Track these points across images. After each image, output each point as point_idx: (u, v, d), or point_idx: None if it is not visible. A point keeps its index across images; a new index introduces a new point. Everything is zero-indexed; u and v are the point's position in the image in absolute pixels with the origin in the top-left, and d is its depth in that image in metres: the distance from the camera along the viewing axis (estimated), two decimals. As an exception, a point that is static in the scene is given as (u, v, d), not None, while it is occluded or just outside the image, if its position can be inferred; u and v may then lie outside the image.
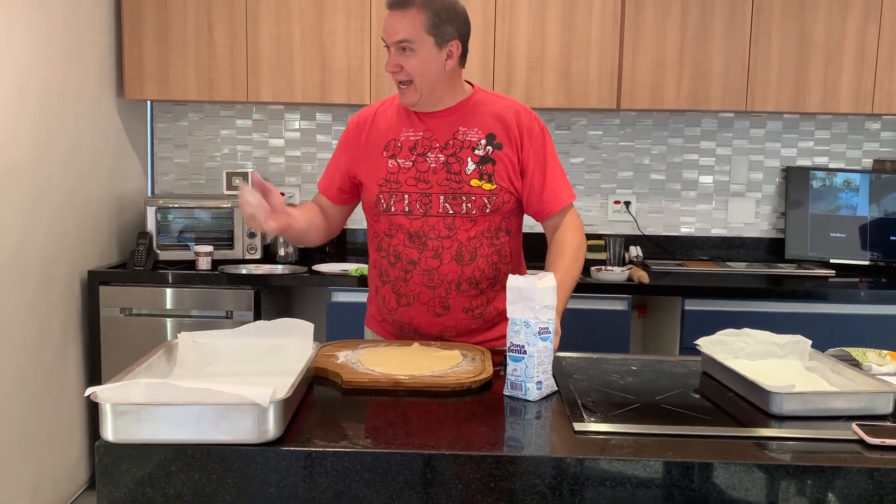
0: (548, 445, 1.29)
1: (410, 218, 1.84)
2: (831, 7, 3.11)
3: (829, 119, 3.51)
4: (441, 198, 1.83)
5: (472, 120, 1.86)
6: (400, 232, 1.86)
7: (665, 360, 1.85)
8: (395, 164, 1.85)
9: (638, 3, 3.12)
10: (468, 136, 1.85)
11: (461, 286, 1.84)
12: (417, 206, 1.83)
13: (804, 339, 1.65)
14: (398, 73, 1.79)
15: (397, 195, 1.84)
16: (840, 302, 2.89)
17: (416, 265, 1.85)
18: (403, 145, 1.86)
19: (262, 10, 3.14)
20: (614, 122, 3.52)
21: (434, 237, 1.83)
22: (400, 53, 1.78)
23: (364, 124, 1.92)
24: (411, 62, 1.77)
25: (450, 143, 1.84)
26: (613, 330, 2.91)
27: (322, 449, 1.17)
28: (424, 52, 1.77)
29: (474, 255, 1.84)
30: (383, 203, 1.86)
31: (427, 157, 1.84)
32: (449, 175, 1.83)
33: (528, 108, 1.91)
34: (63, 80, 2.80)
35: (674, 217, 3.58)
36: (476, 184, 1.82)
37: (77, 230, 2.91)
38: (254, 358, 1.51)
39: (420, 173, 1.84)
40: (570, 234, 1.87)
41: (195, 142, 3.58)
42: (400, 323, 1.91)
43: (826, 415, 1.35)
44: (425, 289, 1.85)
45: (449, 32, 1.78)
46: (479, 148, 1.84)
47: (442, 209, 1.83)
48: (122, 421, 1.16)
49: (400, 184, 1.84)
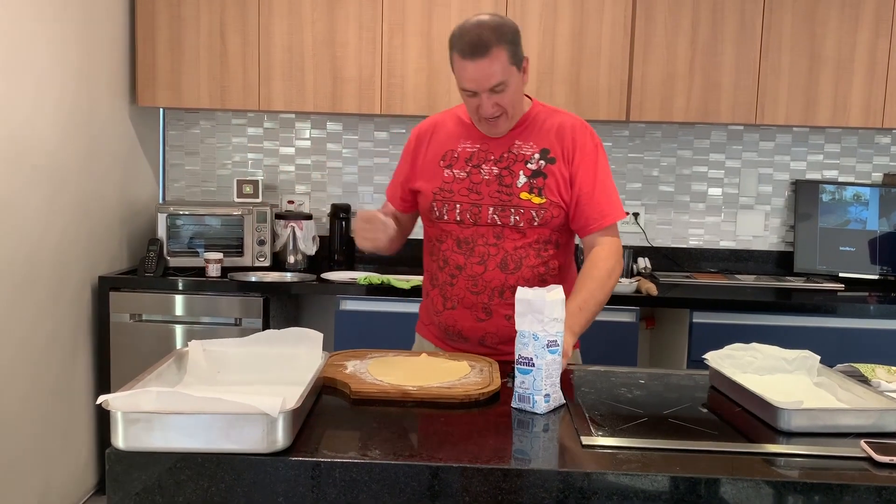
0: (556, 459, 1.29)
1: (461, 227, 1.88)
2: (842, 21, 3.11)
3: (839, 133, 3.51)
4: (490, 209, 1.85)
5: (528, 134, 1.88)
6: (449, 238, 1.90)
7: (673, 373, 1.85)
8: (451, 174, 1.89)
9: (648, 16, 3.13)
10: (523, 149, 1.87)
11: (504, 294, 1.86)
12: (468, 216, 1.87)
13: (813, 354, 1.64)
14: (496, 111, 1.80)
15: (450, 204, 1.88)
16: (849, 316, 2.88)
17: (462, 270, 1.88)
18: (460, 156, 1.89)
19: (275, 20, 3.16)
20: (623, 133, 3.53)
21: (482, 244, 1.86)
22: (492, 94, 1.77)
23: (424, 137, 1.96)
24: (506, 98, 1.79)
25: (504, 156, 1.87)
26: (621, 341, 2.90)
27: (330, 459, 1.18)
28: (514, 82, 1.79)
29: (519, 264, 1.86)
30: (436, 211, 1.90)
31: (481, 168, 1.87)
32: (500, 187, 1.85)
33: (584, 122, 1.93)
34: (78, 87, 2.82)
35: (682, 229, 3.58)
36: (525, 197, 1.84)
37: (89, 236, 2.94)
38: (263, 367, 1.52)
39: (473, 184, 1.87)
40: (605, 255, 1.85)
41: (206, 149, 3.60)
42: (444, 325, 1.93)
43: (834, 431, 1.34)
44: (469, 294, 1.87)
45: (521, 53, 1.80)
46: (532, 162, 1.86)
47: (490, 220, 1.85)
48: (133, 429, 1.17)
49: (453, 193, 1.88)
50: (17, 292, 2.50)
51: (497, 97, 1.77)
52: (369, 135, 3.57)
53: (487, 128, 1.86)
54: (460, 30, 1.77)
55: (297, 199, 3.57)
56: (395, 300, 2.88)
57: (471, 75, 1.75)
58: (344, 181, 3.60)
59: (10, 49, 2.41)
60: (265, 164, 3.60)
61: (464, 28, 1.77)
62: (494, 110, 1.79)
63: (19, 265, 2.51)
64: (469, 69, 1.74)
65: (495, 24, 1.75)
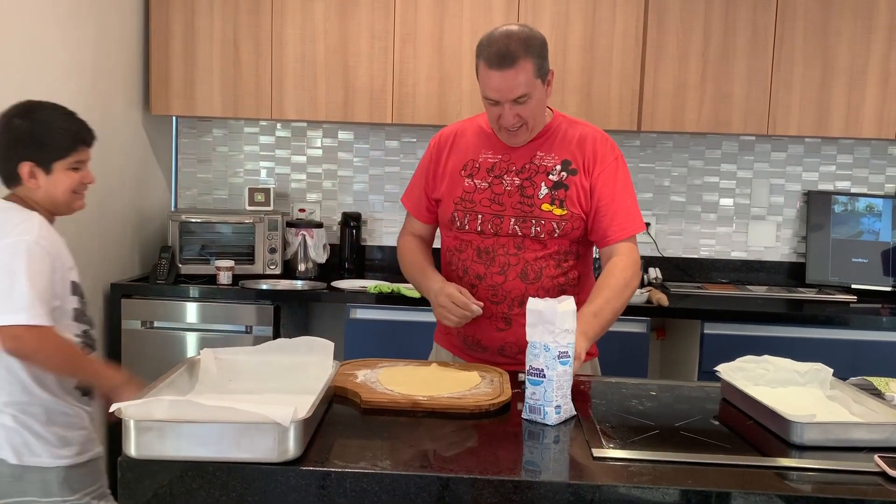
0: (566, 471, 1.29)
1: (482, 236, 1.88)
2: (855, 32, 3.10)
3: (852, 144, 3.50)
4: (512, 220, 1.86)
5: (549, 146, 1.88)
6: (469, 248, 1.90)
7: (684, 385, 1.85)
8: (472, 183, 1.89)
9: (660, 26, 3.13)
10: (545, 161, 1.87)
11: (524, 304, 1.84)
12: (489, 227, 1.87)
13: (825, 367, 1.64)
14: (517, 122, 1.80)
15: (471, 214, 1.88)
16: (862, 328, 2.86)
17: (482, 280, 1.88)
18: (482, 166, 1.90)
19: (288, 29, 3.18)
20: (635, 143, 3.53)
21: (502, 254, 1.87)
22: (515, 105, 1.77)
23: (444, 145, 1.96)
24: (528, 109, 1.79)
25: (526, 167, 1.87)
26: (632, 352, 2.89)
27: (341, 469, 1.18)
28: (538, 95, 1.79)
29: (539, 274, 1.86)
30: (458, 221, 1.90)
31: (503, 179, 1.87)
32: (522, 198, 1.86)
33: (606, 134, 1.93)
34: (93, 95, 2.85)
35: (694, 239, 3.57)
36: (547, 208, 1.84)
37: (103, 243, 2.95)
38: (274, 376, 1.52)
39: (495, 195, 1.87)
40: (623, 265, 1.84)
41: (218, 157, 3.62)
42: (464, 335, 1.93)
43: (848, 445, 1.34)
44: (489, 303, 1.87)
45: (547, 66, 1.80)
46: (554, 173, 1.86)
47: (511, 230, 1.86)
48: (146, 437, 1.18)
49: (475, 203, 1.88)
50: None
51: (519, 108, 1.77)
52: (380, 144, 3.59)
53: (507, 137, 1.86)
54: (488, 38, 1.77)
55: (308, 208, 3.58)
56: (405, 309, 2.88)
57: (495, 85, 1.75)
58: (355, 190, 3.61)
59: (25, 57, 2.43)
60: (277, 173, 3.61)
61: (492, 37, 1.77)
62: (516, 121, 1.79)
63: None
64: (494, 79, 1.75)
65: (524, 35, 1.75)
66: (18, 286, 1.61)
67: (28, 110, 1.74)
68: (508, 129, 1.82)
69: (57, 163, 1.73)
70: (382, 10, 3.15)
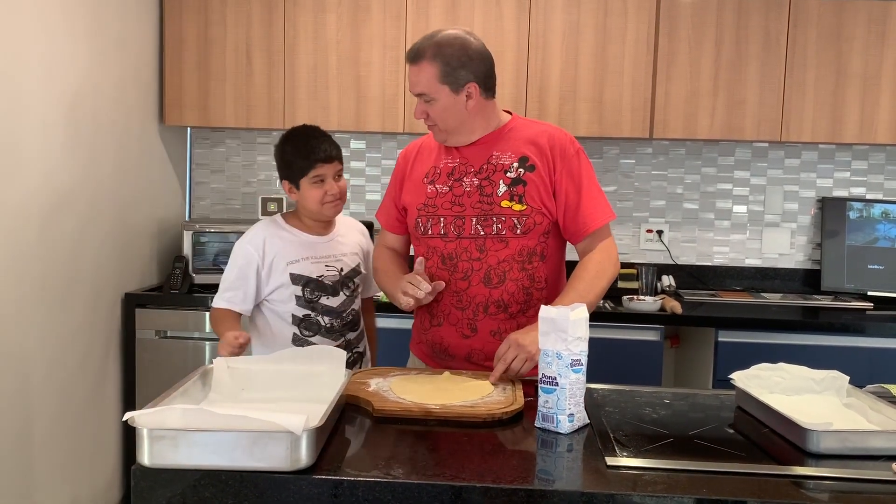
0: (580, 480, 1.28)
1: (445, 241, 1.89)
2: (868, 38, 3.08)
3: (867, 150, 3.47)
4: (473, 220, 1.87)
5: (505, 145, 1.90)
6: (434, 255, 1.91)
7: (698, 393, 1.83)
8: (434, 189, 1.92)
9: (671, 33, 3.12)
10: (501, 159, 1.88)
11: (489, 309, 1.86)
12: (452, 229, 1.88)
13: (842, 374, 1.62)
14: (425, 118, 1.88)
15: (434, 218, 1.90)
16: (878, 336, 2.84)
17: (447, 286, 1.89)
18: (442, 171, 1.92)
19: (300, 40, 3.20)
20: (647, 150, 3.52)
21: (465, 259, 1.87)
22: (421, 102, 1.86)
23: (409, 157, 2.02)
24: (433, 110, 1.86)
25: (484, 168, 1.89)
26: (646, 360, 2.88)
27: (353, 478, 1.18)
28: (443, 99, 1.85)
29: (503, 278, 1.85)
30: (421, 227, 1.92)
31: (463, 181, 1.89)
32: (481, 197, 1.87)
33: (563, 131, 1.93)
34: (111, 107, 2.88)
35: (707, 247, 3.55)
36: (506, 205, 1.85)
37: (118, 252, 2.98)
38: (287, 384, 1.52)
39: (456, 197, 1.89)
40: (597, 257, 1.85)
41: (232, 167, 3.64)
42: (432, 343, 1.94)
43: (865, 454, 1.32)
44: (454, 310, 1.88)
45: (463, 77, 1.83)
46: (511, 170, 1.87)
47: (474, 231, 1.86)
48: (159, 446, 1.18)
49: (437, 208, 1.90)
50: (52, 310, 2.54)
51: (426, 106, 1.86)
52: (392, 153, 3.60)
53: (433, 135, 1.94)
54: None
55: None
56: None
57: (409, 77, 1.87)
58: (367, 199, 3.61)
59: (45, 72, 2.46)
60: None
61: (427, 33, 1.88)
62: (422, 116, 1.88)
63: (60, 283, 2.57)
64: (408, 73, 1.87)
65: (445, 40, 1.83)
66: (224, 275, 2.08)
67: (286, 137, 2.07)
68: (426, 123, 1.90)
69: (301, 180, 2.02)
70: (394, 20, 3.17)
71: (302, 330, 2.05)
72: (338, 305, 2.08)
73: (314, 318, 2.05)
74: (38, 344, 2.48)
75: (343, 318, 2.09)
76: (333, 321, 2.07)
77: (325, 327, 2.06)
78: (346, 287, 2.10)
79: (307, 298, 2.04)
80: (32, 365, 2.46)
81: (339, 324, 2.08)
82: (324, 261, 2.07)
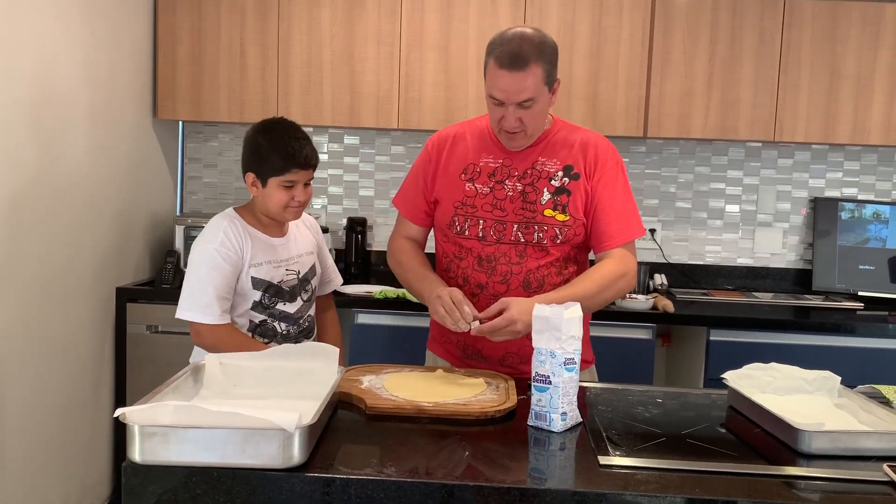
0: (572, 478, 1.28)
1: (483, 243, 1.85)
2: (862, 39, 3.09)
3: (859, 150, 3.49)
4: (514, 226, 1.84)
5: (550, 151, 1.87)
6: (470, 255, 1.87)
7: (690, 392, 1.84)
8: (473, 188, 1.87)
9: (666, 32, 3.13)
10: (546, 166, 1.86)
11: None
12: (491, 233, 1.84)
13: (833, 375, 1.63)
14: (518, 126, 1.78)
15: (472, 219, 1.86)
16: (869, 336, 2.85)
17: (484, 289, 1.85)
18: (482, 171, 1.87)
19: (294, 34, 3.19)
20: (641, 149, 3.52)
21: (504, 263, 1.84)
22: (518, 109, 1.75)
23: (444, 145, 1.93)
24: (530, 115, 1.77)
25: (528, 173, 1.85)
26: (637, 358, 2.88)
27: (346, 476, 1.18)
28: (543, 101, 1.78)
29: (542, 283, 1.84)
30: (457, 226, 1.87)
31: (505, 184, 1.85)
32: (524, 204, 1.84)
33: (607, 140, 1.91)
34: (104, 100, 2.86)
35: (699, 246, 3.56)
36: (549, 214, 1.83)
37: (110, 247, 2.96)
38: (280, 381, 1.52)
39: (497, 200, 1.85)
40: (611, 265, 1.81)
41: (224, 162, 3.63)
42: (464, 345, 1.91)
43: (856, 454, 1.33)
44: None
45: (555, 74, 1.79)
46: (556, 179, 1.84)
47: (514, 237, 1.84)
48: (150, 442, 1.17)
49: (476, 208, 1.86)
50: (44, 305, 2.52)
51: (522, 112, 1.76)
52: (386, 149, 3.59)
53: (506, 140, 1.84)
54: (501, 37, 1.75)
55: (313, 213, 3.58)
56: (411, 314, 2.87)
57: (503, 85, 1.73)
58: (360, 195, 3.61)
59: (37, 64, 2.44)
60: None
61: (505, 36, 1.75)
62: (517, 125, 1.78)
63: (46, 278, 2.55)
64: (503, 79, 1.73)
65: (538, 40, 1.74)
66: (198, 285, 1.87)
67: (263, 128, 1.95)
68: (507, 132, 1.80)
69: (271, 178, 1.89)
70: (389, 15, 3.16)
71: (256, 336, 1.94)
72: (295, 311, 1.99)
73: (270, 324, 1.96)
74: (29, 338, 2.47)
75: (299, 325, 2.01)
76: (290, 327, 1.99)
77: (282, 333, 1.98)
78: (304, 290, 2.01)
79: (265, 304, 1.94)
80: (23, 359, 2.44)
81: (296, 330, 2.00)
82: (284, 265, 1.97)
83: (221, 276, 1.87)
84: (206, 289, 1.85)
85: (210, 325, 1.86)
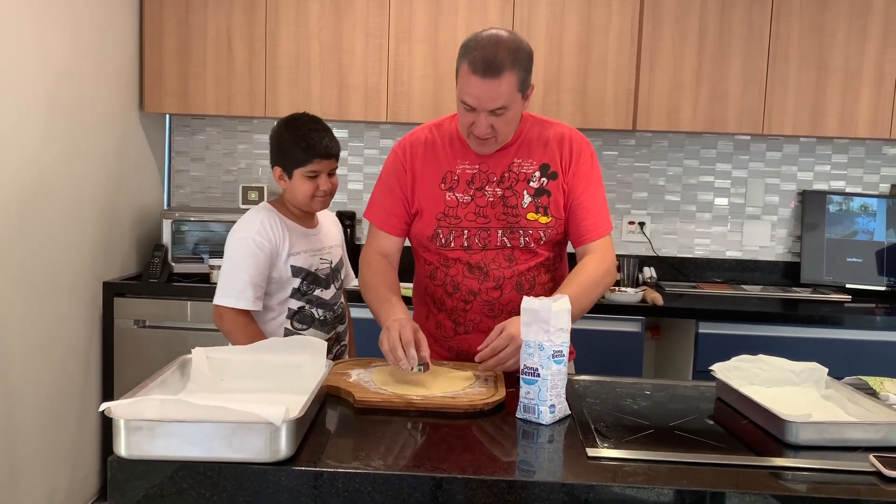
0: (560, 471, 1.28)
1: (469, 252, 1.83)
2: (850, 32, 3.10)
3: (847, 143, 3.50)
4: (499, 232, 1.82)
5: (525, 150, 1.84)
6: (458, 264, 1.84)
7: (679, 384, 1.84)
8: (454, 197, 1.83)
9: (655, 25, 3.12)
10: (523, 167, 1.83)
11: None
12: (476, 241, 1.83)
13: (820, 366, 1.63)
14: (489, 133, 1.74)
15: (457, 230, 1.83)
16: (856, 328, 2.87)
17: (477, 295, 1.84)
18: (461, 179, 1.84)
19: (282, 27, 3.17)
20: (630, 142, 3.52)
21: (495, 268, 1.83)
22: (490, 116, 1.70)
23: (416, 152, 1.87)
24: (502, 122, 1.72)
25: (506, 176, 1.83)
26: (626, 351, 2.89)
27: (333, 469, 1.17)
28: (516, 108, 1.73)
29: (533, 283, 1.85)
30: (441, 238, 1.84)
31: (485, 190, 1.83)
32: (506, 209, 1.82)
33: (580, 132, 1.90)
34: (89, 93, 2.83)
35: (688, 239, 3.57)
36: (532, 217, 1.82)
37: (97, 241, 2.94)
38: (267, 375, 1.51)
39: (479, 208, 1.83)
40: (597, 263, 1.80)
41: (212, 155, 3.61)
42: (457, 350, 1.90)
43: (843, 445, 1.33)
44: (485, 318, 1.84)
45: (529, 80, 1.74)
46: (534, 180, 1.83)
47: (500, 243, 1.82)
48: (136, 437, 1.16)
49: (459, 219, 1.83)
50: (30, 299, 2.50)
51: (494, 119, 1.71)
52: (375, 142, 3.58)
53: (476, 144, 1.79)
54: (475, 41, 1.68)
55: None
56: None
57: (476, 92, 1.68)
58: (349, 188, 3.59)
59: (22, 56, 2.41)
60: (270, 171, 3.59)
61: (479, 40, 1.68)
62: (488, 132, 1.73)
63: (33, 272, 2.53)
64: (476, 86, 1.67)
65: (514, 46, 1.67)
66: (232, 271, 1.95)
67: (286, 122, 2.02)
68: (479, 138, 1.76)
69: (295, 170, 1.98)
70: (377, 8, 3.14)
71: (294, 323, 2.02)
72: (330, 298, 2.08)
73: (308, 311, 2.03)
74: (16, 333, 2.45)
75: (334, 311, 2.09)
76: (326, 313, 2.06)
77: (319, 320, 2.05)
78: (335, 279, 2.10)
79: (303, 291, 2.01)
80: (10, 354, 2.43)
81: (331, 316, 2.08)
82: (318, 253, 2.06)
83: (256, 263, 1.94)
84: (241, 275, 1.93)
85: (235, 311, 1.93)
